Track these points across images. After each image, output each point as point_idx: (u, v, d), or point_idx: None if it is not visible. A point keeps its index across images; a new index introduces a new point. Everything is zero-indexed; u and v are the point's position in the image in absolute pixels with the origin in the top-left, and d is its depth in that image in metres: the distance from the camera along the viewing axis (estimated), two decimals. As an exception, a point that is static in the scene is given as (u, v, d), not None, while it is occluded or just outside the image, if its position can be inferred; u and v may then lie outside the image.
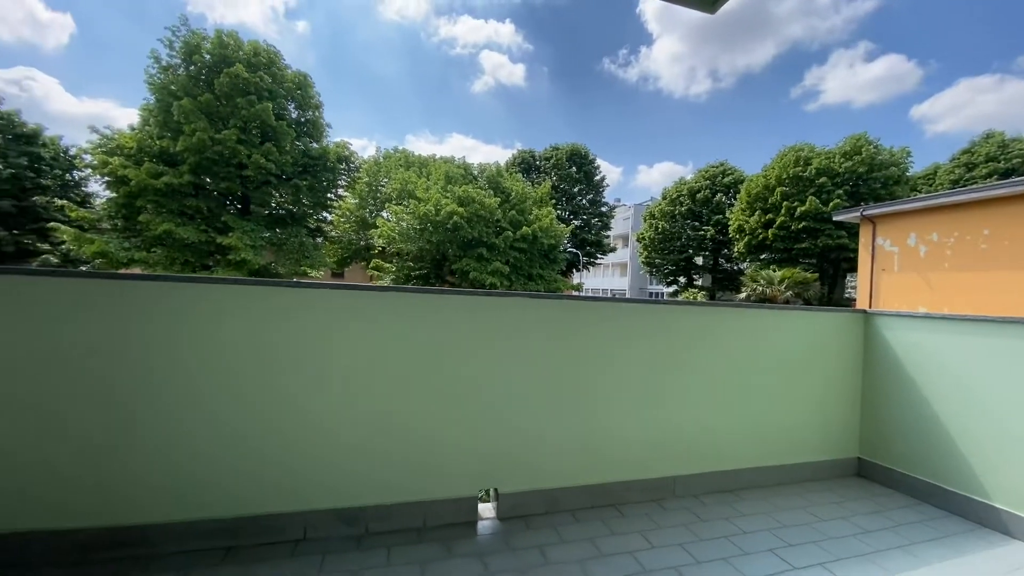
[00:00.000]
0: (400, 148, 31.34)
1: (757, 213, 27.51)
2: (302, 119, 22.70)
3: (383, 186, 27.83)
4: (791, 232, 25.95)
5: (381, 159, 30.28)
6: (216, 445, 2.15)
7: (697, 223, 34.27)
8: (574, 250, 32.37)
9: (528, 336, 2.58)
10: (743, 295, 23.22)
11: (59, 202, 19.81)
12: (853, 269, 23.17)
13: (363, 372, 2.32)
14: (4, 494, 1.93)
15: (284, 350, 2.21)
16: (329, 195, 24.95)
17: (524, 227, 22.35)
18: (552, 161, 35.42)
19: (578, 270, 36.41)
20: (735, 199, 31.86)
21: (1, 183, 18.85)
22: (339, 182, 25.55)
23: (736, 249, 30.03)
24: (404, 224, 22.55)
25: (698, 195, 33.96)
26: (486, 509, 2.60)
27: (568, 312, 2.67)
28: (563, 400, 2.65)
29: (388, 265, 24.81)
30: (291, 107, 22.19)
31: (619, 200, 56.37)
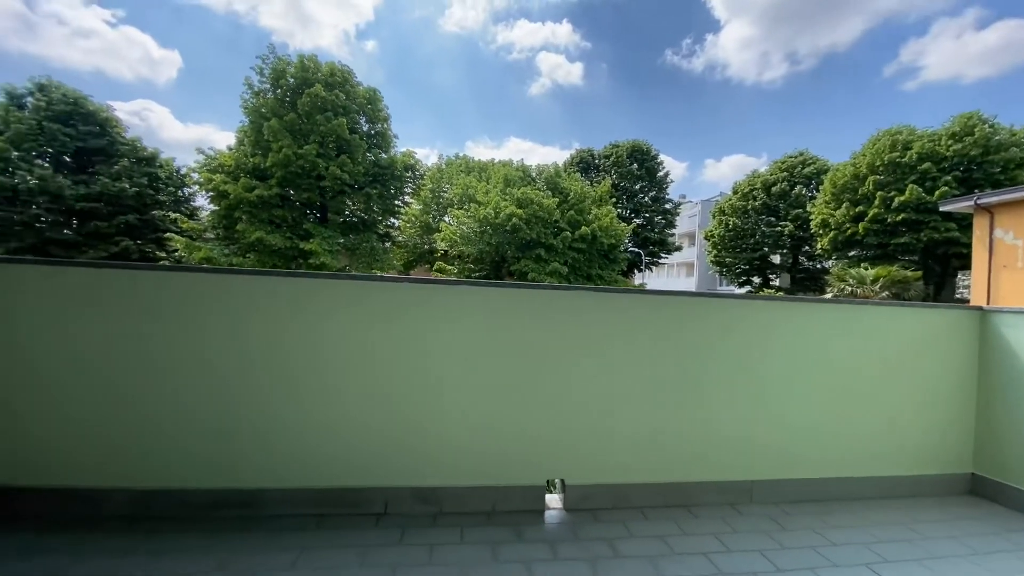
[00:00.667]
0: (461, 155, 32.42)
1: (845, 206, 24.93)
2: (372, 131, 24.24)
3: (445, 191, 28.90)
4: (887, 225, 23.19)
5: (443, 165, 31.47)
6: (311, 427, 2.41)
7: (773, 218, 31.77)
8: (636, 249, 31.45)
9: (598, 329, 2.60)
10: (828, 296, 21.16)
11: (172, 215, 22.85)
12: (966, 267, 20.19)
13: (455, 368, 2.48)
14: (156, 455, 2.31)
15: (382, 347, 2.43)
16: (396, 202, 26.41)
17: (583, 227, 22.14)
18: (612, 159, 34.69)
19: (640, 270, 35.28)
20: (817, 191, 29.11)
21: (128, 200, 22.11)
22: (405, 189, 26.95)
23: (819, 245, 27.42)
24: (465, 228, 23.28)
25: (774, 188, 31.48)
26: (553, 499, 2.65)
27: (642, 307, 2.66)
28: (633, 394, 2.63)
29: (450, 267, 25.71)
30: (362, 120, 23.78)
31: (684, 196, 53.77)
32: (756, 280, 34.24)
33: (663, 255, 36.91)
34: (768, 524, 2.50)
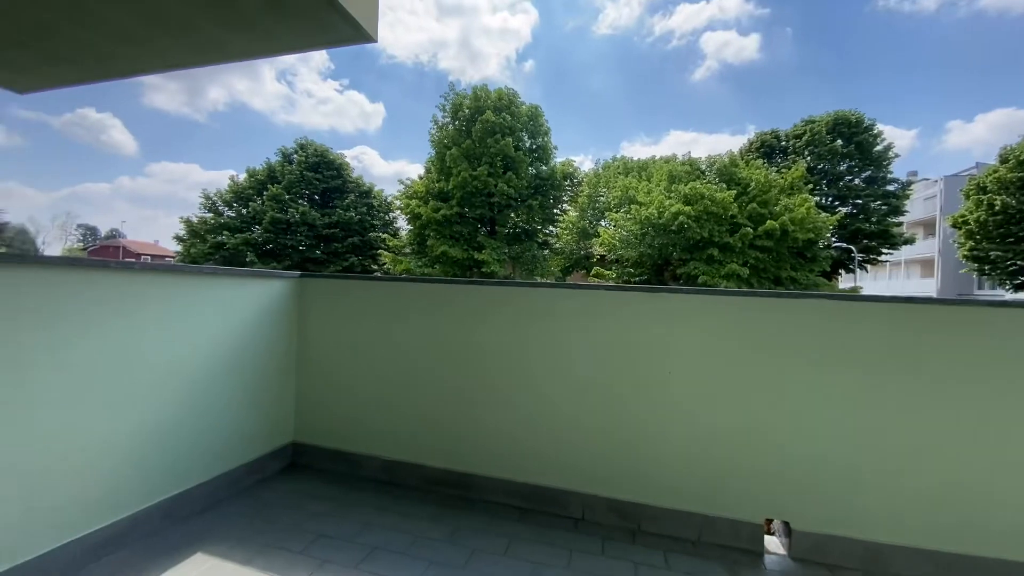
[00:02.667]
0: (618, 157, 31.64)
1: None
2: (534, 146, 25.63)
3: (602, 196, 28.58)
4: None
5: (600, 170, 31.20)
6: (518, 424, 2.59)
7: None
8: (842, 244, 25.43)
9: (838, 339, 2.14)
10: None
11: (382, 236, 28.19)
12: None
13: (677, 377, 2.39)
14: (400, 433, 2.81)
15: (586, 354, 2.50)
16: (555, 211, 27.29)
17: (768, 221, 19.01)
18: (805, 138, 28.94)
19: (850, 270, 28.52)
20: None
21: (354, 225, 28.22)
22: (563, 198, 27.66)
23: None
24: (624, 231, 22.53)
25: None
26: (773, 543, 2.28)
27: (905, 316, 2.09)
28: (888, 428, 2.08)
29: (608, 272, 25.23)
30: (525, 136, 25.37)
31: (915, 173, 41.52)
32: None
33: (885, 250, 29.06)
34: None
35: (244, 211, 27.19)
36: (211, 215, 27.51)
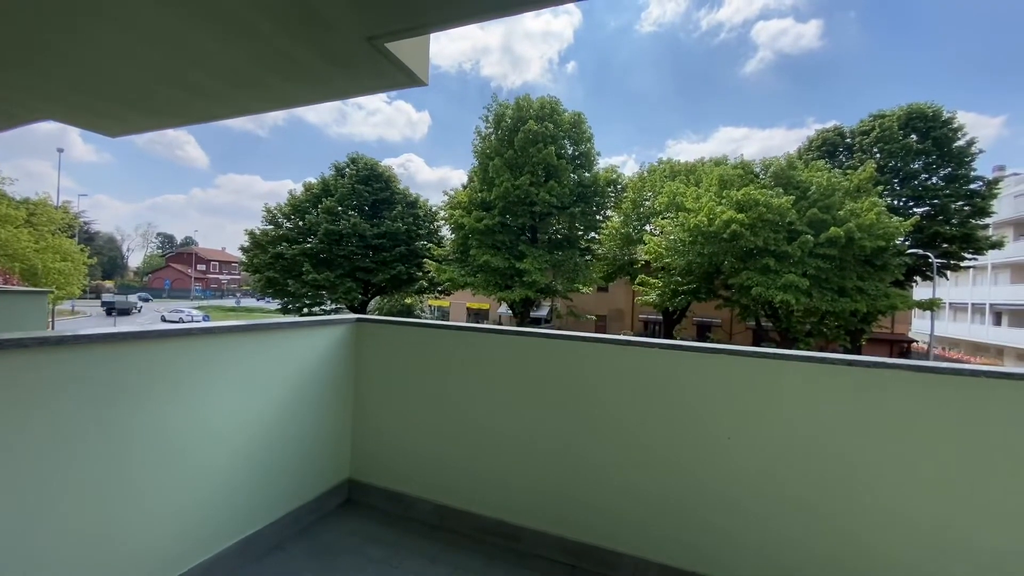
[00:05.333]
0: (664, 159, 30.66)
1: None
2: (576, 153, 25.41)
3: (647, 201, 27.81)
4: None
5: (645, 174, 30.40)
6: (577, 474, 2.56)
7: None
8: (917, 251, 23.19)
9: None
10: None
11: (428, 244, 28.91)
12: None
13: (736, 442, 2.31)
14: (451, 477, 2.86)
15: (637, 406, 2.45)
16: (598, 217, 26.88)
17: (832, 228, 17.68)
18: (874, 134, 26.70)
19: (928, 277, 25.99)
20: None
21: (401, 235, 29.19)
22: (607, 204, 27.18)
23: None
24: (672, 238, 21.78)
25: None
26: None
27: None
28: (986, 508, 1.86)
29: (654, 280, 24.47)
30: (567, 144, 25.21)
31: (1002, 168, 37.22)
32: None
33: (969, 255, 26.25)
34: None
35: (301, 223, 28.85)
36: (272, 227, 29.40)
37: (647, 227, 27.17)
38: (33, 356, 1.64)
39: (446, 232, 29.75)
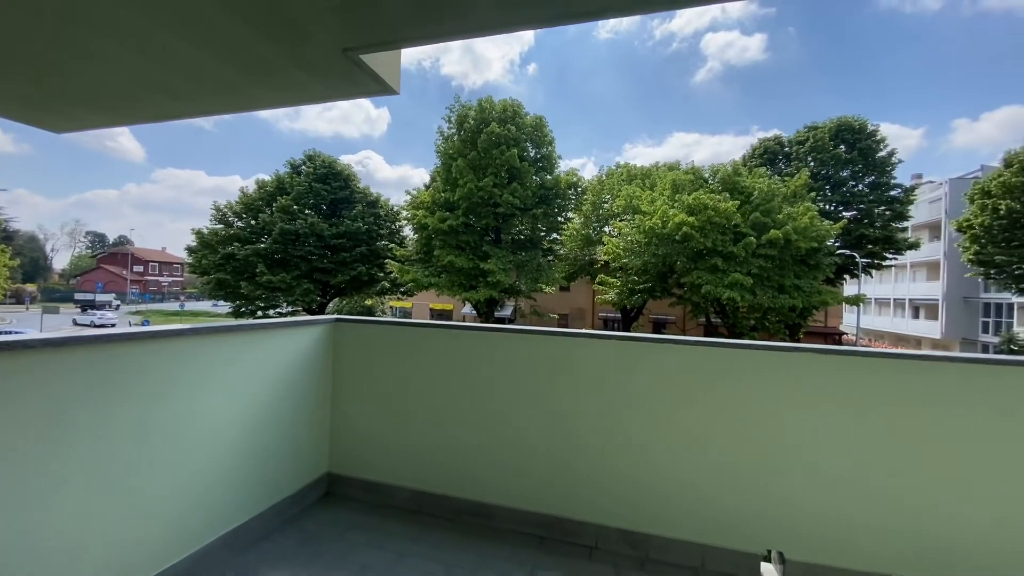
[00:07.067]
0: (622, 164, 31.83)
1: None
2: (538, 156, 25.92)
3: (605, 203, 28.80)
4: None
5: (604, 177, 31.42)
6: (533, 460, 2.83)
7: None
8: (846, 251, 25.55)
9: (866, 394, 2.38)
10: None
11: (390, 245, 28.48)
12: None
13: (656, 420, 2.64)
14: (429, 465, 3.05)
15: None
16: (560, 219, 27.53)
17: (772, 231, 19.17)
18: (808, 144, 29.10)
19: (855, 276, 28.58)
20: None
21: (362, 235, 28.59)
22: (568, 206, 27.90)
23: None
24: (629, 239, 22.74)
25: (1088, 152, 21.73)
26: (769, 571, 2.50)
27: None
28: (872, 463, 2.31)
29: (613, 280, 25.40)
30: (530, 147, 25.66)
31: (919, 176, 41.42)
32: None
33: (889, 255, 29.12)
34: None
35: (254, 222, 27.60)
36: (222, 226, 27.92)
37: (606, 229, 28.13)
38: (16, 358, 1.70)
39: (408, 232, 29.40)
